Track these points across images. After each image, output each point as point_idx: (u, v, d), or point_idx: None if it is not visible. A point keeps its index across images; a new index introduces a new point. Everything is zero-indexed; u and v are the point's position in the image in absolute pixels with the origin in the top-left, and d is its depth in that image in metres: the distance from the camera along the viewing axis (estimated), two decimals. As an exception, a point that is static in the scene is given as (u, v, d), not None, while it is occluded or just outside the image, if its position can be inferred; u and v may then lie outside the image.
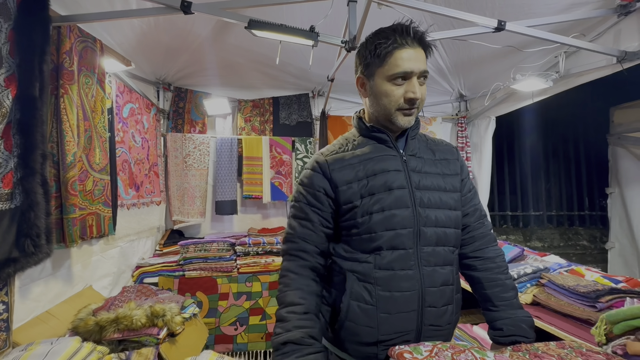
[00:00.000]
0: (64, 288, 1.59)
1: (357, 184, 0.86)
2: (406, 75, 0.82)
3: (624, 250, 2.92)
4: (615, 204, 3.01)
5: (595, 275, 1.63)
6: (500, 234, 4.21)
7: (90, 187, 1.62)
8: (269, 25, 1.48)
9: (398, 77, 0.82)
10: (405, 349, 0.74)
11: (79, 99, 1.50)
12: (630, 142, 2.81)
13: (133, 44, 2.06)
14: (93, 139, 1.63)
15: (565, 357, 0.77)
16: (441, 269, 0.86)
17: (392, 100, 0.84)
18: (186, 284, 2.35)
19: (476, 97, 3.04)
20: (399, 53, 0.82)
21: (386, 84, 0.84)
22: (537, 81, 2.15)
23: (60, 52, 1.40)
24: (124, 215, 2.10)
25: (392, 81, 0.83)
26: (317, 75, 2.70)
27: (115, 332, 1.38)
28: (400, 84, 0.83)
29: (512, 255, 2.10)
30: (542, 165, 4.52)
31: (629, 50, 1.73)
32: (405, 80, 0.83)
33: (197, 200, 2.84)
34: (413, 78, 0.83)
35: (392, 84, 0.83)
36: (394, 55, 0.82)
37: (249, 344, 2.36)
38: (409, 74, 0.82)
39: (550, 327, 1.38)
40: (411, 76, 0.82)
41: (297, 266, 0.87)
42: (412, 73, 0.82)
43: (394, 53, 0.82)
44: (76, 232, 1.46)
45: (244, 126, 3.03)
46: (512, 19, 1.66)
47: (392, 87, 0.83)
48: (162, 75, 2.75)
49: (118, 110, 2.04)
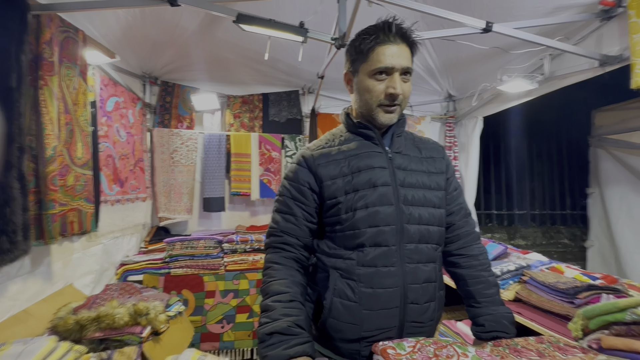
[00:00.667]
0: (43, 286, 1.54)
1: (341, 179, 0.86)
2: (387, 71, 0.83)
3: (603, 248, 3.03)
4: (595, 204, 3.11)
5: (575, 272, 1.68)
6: (486, 232, 4.30)
7: (72, 182, 1.57)
8: (258, 20, 1.46)
9: (380, 72, 0.83)
10: (389, 345, 0.74)
11: (59, 91, 1.45)
12: (610, 144, 2.90)
13: (118, 36, 2.01)
14: (75, 132, 1.58)
15: (543, 351, 0.79)
16: (424, 266, 0.87)
17: (373, 96, 0.85)
18: (172, 281, 2.32)
19: (464, 97, 3.09)
20: (381, 49, 0.82)
21: (368, 79, 0.85)
22: (522, 82, 2.20)
23: (40, 42, 1.35)
24: (108, 212, 2.05)
25: (374, 76, 0.84)
26: (307, 72, 2.68)
27: (97, 331, 1.35)
28: (382, 79, 0.84)
29: (496, 253, 2.15)
30: (526, 166, 4.63)
31: (610, 54, 1.78)
32: (388, 76, 0.84)
33: (184, 197, 2.80)
34: (395, 74, 0.83)
35: (374, 80, 0.84)
36: (376, 50, 0.83)
37: (236, 342, 2.35)
38: (390, 70, 0.83)
39: (531, 322, 1.42)
40: (392, 72, 0.83)
41: (281, 257, 0.87)
42: (394, 69, 0.83)
43: (376, 49, 0.83)
44: (56, 229, 1.42)
45: (233, 122, 3.00)
46: (499, 20, 1.68)
47: (373, 83, 0.84)
48: (148, 69, 2.68)
49: (102, 103, 1.98)
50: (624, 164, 2.78)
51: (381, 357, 0.73)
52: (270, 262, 0.88)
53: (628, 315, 0.73)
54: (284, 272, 0.85)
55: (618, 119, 2.85)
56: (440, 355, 0.71)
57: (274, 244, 0.89)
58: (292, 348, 0.73)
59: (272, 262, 0.87)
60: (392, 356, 0.71)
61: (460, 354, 0.71)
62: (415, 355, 0.71)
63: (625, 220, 2.78)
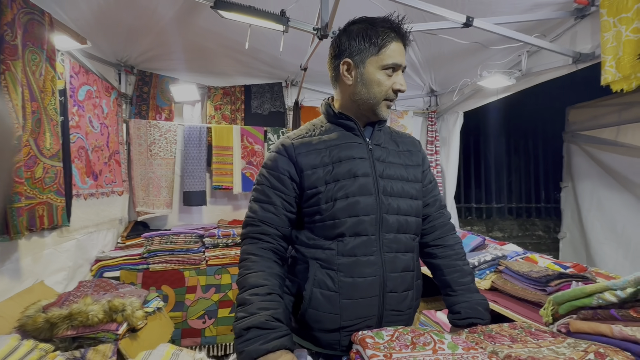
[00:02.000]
0: (10, 284, 1.46)
1: (322, 169, 0.86)
2: (395, 67, 0.87)
3: (574, 239, 3.17)
4: (568, 197, 3.24)
5: (548, 262, 1.75)
6: (465, 225, 4.42)
7: (40, 174, 1.49)
8: (237, 7, 1.42)
9: (389, 68, 0.86)
10: (368, 334, 0.75)
11: (24, 76, 1.36)
12: (582, 140, 3.03)
13: (90, 21, 1.90)
14: (42, 122, 1.49)
15: (516, 336, 0.82)
16: (402, 255, 0.88)
17: (383, 90, 0.87)
18: (151, 277, 2.25)
19: (446, 92, 3.13)
20: (394, 46, 0.86)
21: (379, 72, 0.87)
22: (501, 78, 2.25)
23: (1, 23, 1.26)
24: (81, 206, 1.96)
25: (384, 71, 0.87)
26: (290, 64, 2.65)
27: (69, 329, 1.29)
28: (390, 74, 0.87)
29: (475, 244, 2.21)
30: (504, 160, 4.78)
31: (583, 52, 1.85)
32: (394, 72, 0.87)
33: (163, 190, 2.72)
34: (399, 71, 0.88)
35: (384, 74, 0.87)
36: (389, 46, 0.86)
37: (218, 337, 2.32)
38: (398, 67, 0.87)
39: (505, 310, 1.47)
40: (398, 69, 0.88)
41: (259, 248, 0.85)
42: (400, 66, 0.88)
43: (390, 45, 0.86)
44: (22, 223, 1.34)
45: (214, 114, 2.93)
46: (480, 15, 1.71)
47: (384, 77, 0.87)
48: (123, 57, 2.57)
49: (72, 92, 1.88)
50: (595, 159, 2.91)
51: (360, 347, 0.73)
52: (247, 253, 0.86)
53: (595, 300, 0.76)
54: (261, 264, 0.83)
55: (590, 116, 2.97)
56: (418, 343, 0.72)
57: (251, 234, 0.87)
58: (270, 342, 0.72)
59: (249, 254, 0.85)
60: (371, 345, 0.71)
61: (437, 341, 0.73)
62: (393, 344, 0.72)
63: (596, 212, 2.91)
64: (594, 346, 0.71)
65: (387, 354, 0.68)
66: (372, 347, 0.70)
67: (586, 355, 0.67)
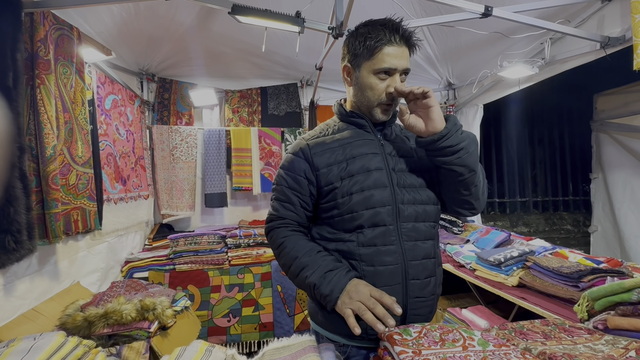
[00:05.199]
0: (50, 285, 1.56)
1: (337, 166, 0.90)
2: (390, 72, 0.87)
3: (606, 233, 3.03)
4: (599, 189, 3.09)
5: (579, 257, 1.68)
6: (488, 220, 4.30)
7: (74, 181, 1.57)
8: (254, 11, 1.44)
9: (382, 72, 0.87)
10: (395, 331, 0.75)
11: (57, 89, 1.44)
12: (612, 128, 2.88)
13: (113, 32, 1.99)
14: (74, 131, 1.57)
15: (549, 333, 0.79)
16: (422, 243, 0.90)
17: (375, 94, 0.89)
18: (177, 277, 2.33)
19: (464, 85, 3.06)
20: (387, 49, 0.86)
21: (372, 76, 0.88)
22: (523, 68, 2.17)
23: (35, 40, 1.34)
24: (111, 210, 2.05)
25: (377, 75, 0.88)
26: (305, 64, 2.66)
27: (105, 327, 1.36)
28: (384, 78, 0.88)
29: (499, 240, 2.15)
30: (528, 152, 4.61)
31: (612, 35, 1.76)
32: (389, 76, 0.88)
33: (186, 193, 2.80)
34: (396, 74, 0.87)
35: (377, 78, 0.88)
36: (382, 50, 0.86)
37: (243, 335, 2.38)
38: (393, 71, 0.87)
39: (535, 307, 1.42)
40: (394, 73, 0.87)
41: (288, 230, 0.93)
42: (396, 70, 0.87)
43: (382, 48, 0.86)
44: (59, 228, 1.42)
45: (232, 117, 2.99)
46: (498, 4, 1.66)
47: (376, 81, 0.88)
48: (145, 66, 2.66)
49: (100, 101, 1.97)
50: (627, 148, 2.76)
51: (388, 343, 0.73)
52: (279, 238, 0.92)
53: (635, 295, 0.73)
54: (296, 236, 0.91)
55: (620, 103, 2.82)
56: (447, 340, 0.71)
57: (275, 226, 0.95)
58: (347, 274, 0.82)
59: (281, 237, 0.92)
60: (399, 341, 0.71)
61: (466, 337, 0.72)
62: (421, 340, 0.71)
63: (629, 204, 2.77)
64: (635, 343, 0.68)
65: (415, 350, 0.68)
66: (401, 344, 0.70)
67: (627, 352, 0.65)
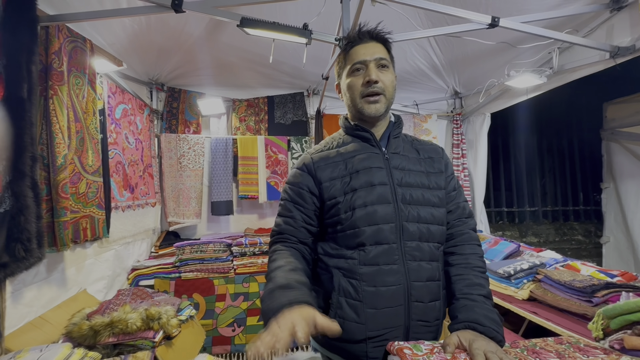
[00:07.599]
0: (57, 292, 1.57)
1: (340, 180, 0.89)
2: (363, 65, 0.90)
3: (619, 244, 2.95)
4: (610, 199, 3.03)
5: (591, 269, 1.64)
6: (496, 230, 4.23)
7: (84, 189, 1.59)
8: (262, 23, 1.46)
9: (357, 69, 0.91)
10: (405, 345, 0.73)
11: (69, 100, 1.47)
12: (623, 137, 2.83)
13: (124, 44, 2.04)
14: (85, 140, 1.60)
15: (563, 352, 0.77)
16: (427, 264, 0.86)
17: (355, 90, 0.91)
18: (182, 285, 2.33)
19: (471, 94, 3.05)
20: (354, 49, 0.92)
21: (350, 77, 0.93)
22: (531, 77, 2.16)
23: (49, 52, 1.38)
24: (119, 218, 2.07)
25: (352, 74, 0.92)
26: (312, 73, 2.68)
27: (110, 336, 1.36)
28: (360, 74, 0.91)
29: (509, 251, 2.11)
30: (536, 162, 4.54)
31: (622, 45, 1.74)
32: (364, 70, 0.90)
33: (193, 201, 2.82)
34: (369, 64, 0.90)
35: (352, 77, 0.92)
36: (350, 52, 0.93)
37: (247, 345, 2.35)
38: (365, 62, 0.90)
39: (547, 322, 1.38)
40: (368, 64, 0.90)
41: (283, 245, 0.91)
42: (367, 61, 0.90)
43: (350, 51, 0.93)
44: (67, 236, 1.44)
45: (239, 126, 3.01)
46: (505, 15, 1.66)
47: (353, 79, 0.92)
48: (154, 76, 2.72)
49: (110, 111, 2.01)
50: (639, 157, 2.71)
51: (397, 357, 0.71)
52: (273, 251, 0.91)
53: (652, 314, 0.71)
54: (285, 252, 0.88)
55: (631, 111, 2.78)
56: (458, 359, 0.69)
57: (276, 240, 0.94)
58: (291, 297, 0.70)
59: (275, 251, 0.90)
60: (409, 356, 0.69)
61: (477, 356, 0.70)
62: (432, 357, 0.69)
63: (642, 214, 2.70)
64: (655, 365, 0.65)
65: (425, 368, 0.66)
66: (411, 359, 0.69)
67: (646, 374, 0.62)
